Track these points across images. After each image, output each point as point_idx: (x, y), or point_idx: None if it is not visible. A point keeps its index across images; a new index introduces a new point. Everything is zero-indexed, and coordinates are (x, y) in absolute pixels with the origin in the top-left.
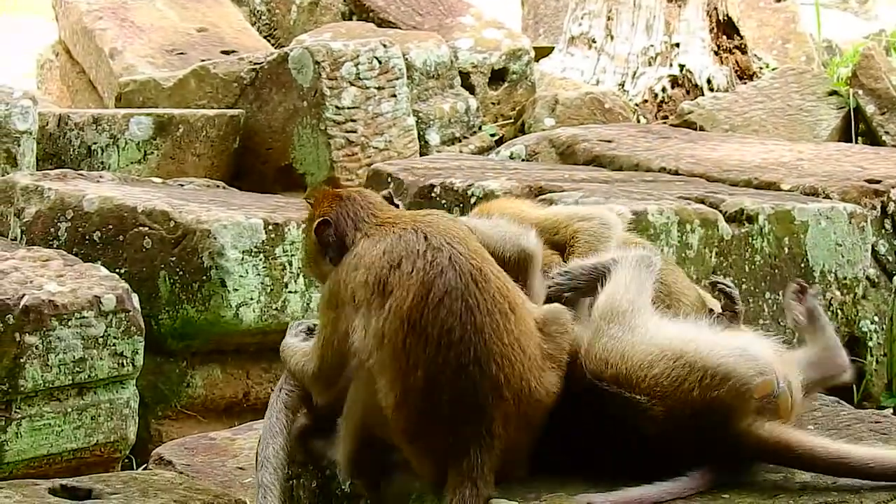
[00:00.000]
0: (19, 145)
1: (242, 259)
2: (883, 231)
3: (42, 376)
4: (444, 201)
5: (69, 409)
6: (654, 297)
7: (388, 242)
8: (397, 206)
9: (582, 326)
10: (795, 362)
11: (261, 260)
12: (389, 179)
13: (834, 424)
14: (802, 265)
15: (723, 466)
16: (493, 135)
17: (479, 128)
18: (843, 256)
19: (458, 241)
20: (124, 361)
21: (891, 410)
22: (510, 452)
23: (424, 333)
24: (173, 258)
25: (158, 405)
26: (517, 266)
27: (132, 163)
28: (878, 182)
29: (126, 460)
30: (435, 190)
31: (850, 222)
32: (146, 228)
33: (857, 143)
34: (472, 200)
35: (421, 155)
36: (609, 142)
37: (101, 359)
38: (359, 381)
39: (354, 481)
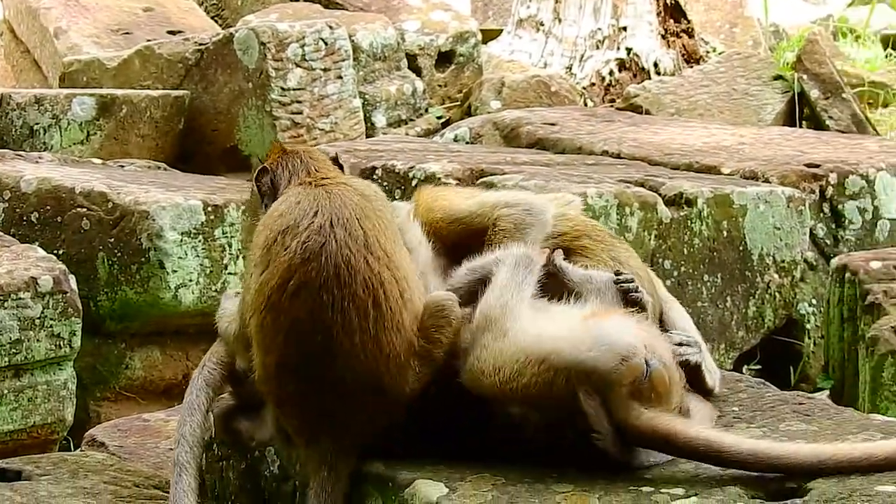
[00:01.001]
0: None
1: (181, 241)
2: (821, 215)
3: None
4: (385, 183)
5: (5, 391)
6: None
7: (288, 205)
8: (341, 168)
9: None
10: (664, 336)
11: (200, 241)
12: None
13: (758, 406)
14: (741, 248)
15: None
16: (439, 117)
17: (426, 110)
18: (781, 240)
19: (345, 223)
20: (61, 343)
21: (826, 393)
22: (366, 436)
23: (278, 320)
24: (112, 239)
25: (97, 387)
26: None
27: (74, 143)
28: (818, 166)
29: (64, 442)
30: (376, 172)
31: (788, 206)
32: (84, 210)
33: (801, 127)
34: (414, 183)
35: (367, 137)
36: (553, 125)
37: (37, 340)
38: None
39: (279, 439)
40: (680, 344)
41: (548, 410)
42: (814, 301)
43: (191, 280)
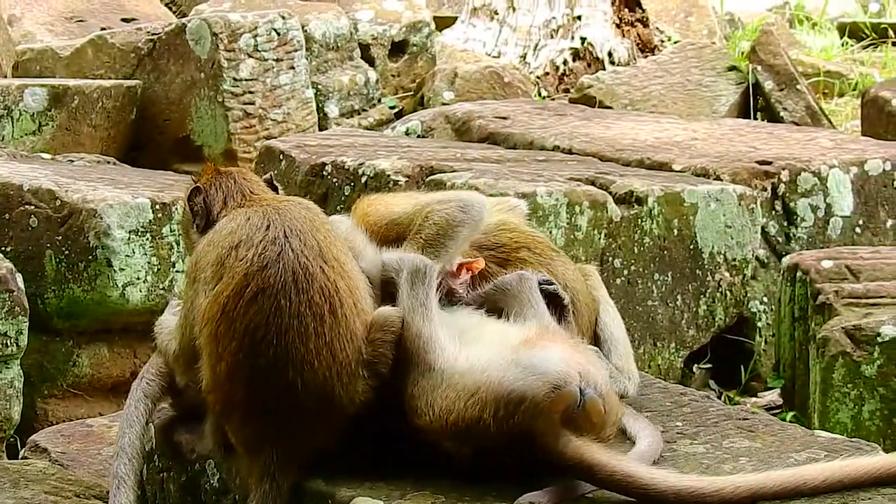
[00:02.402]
0: None
1: (129, 239)
2: (773, 212)
3: None
4: (335, 180)
5: None
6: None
7: (238, 223)
8: (276, 190)
9: None
10: (601, 363)
11: (148, 240)
12: (281, 157)
13: (702, 421)
14: (691, 247)
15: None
16: (392, 107)
17: (379, 100)
18: (732, 238)
19: (298, 233)
20: (8, 342)
21: (777, 392)
22: (311, 446)
23: (234, 326)
24: (59, 237)
25: (44, 384)
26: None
27: (27, 134)
28: (770, 163)
29: (11, 440)
30: (326, 168)
31: (739, 204)
32: (32, 207)
33: (755, 118)
34: (363, 179)
35: (319, 127)
36: (505, 118)
37: None
38: None
39: (218, 451)
40: None
41: (479, 443)
42: (765, 299)
43: (138, 278)
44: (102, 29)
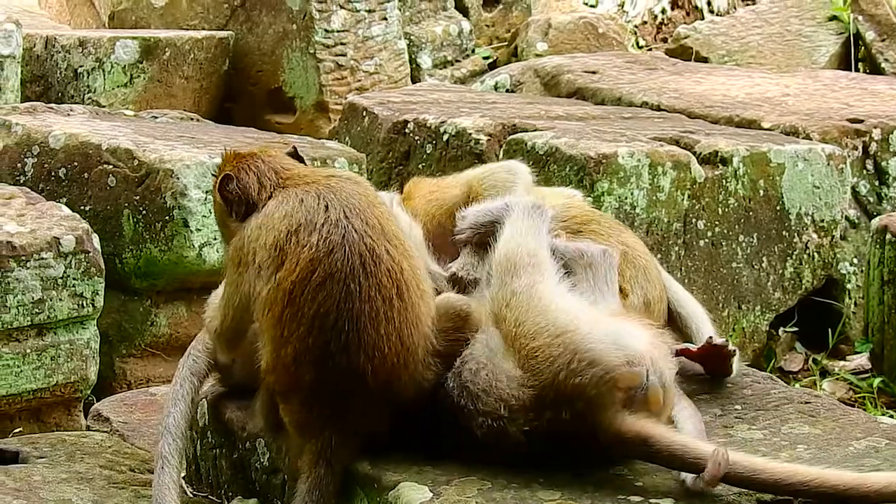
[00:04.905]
0: (2, 70)
1: (205, 199)
2: (864, 172)
3: (0, 317)
4: (417, 137)
5: (28, 350)
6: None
7: (291, 206)
8: (303, 162)
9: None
10: (671, 355)
11: None
12: (364, 113)
13: (762, 404)
14: (778, 208)
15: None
16: (486, 58)
17: (473, 51)
18: (820, 199)
19: (358, 213)
20: (84, 303)
21: (865, 356)
22: (370, 432)
23: (301, 312)
24: (137, 197)
25: (123, 344)
26: None
27: (118, 87)
28: (861, 122)
29: (89, 399)
30: (408, 126)
31: (828, 164)
32: (110, 166)
33: (856, 70)
34: (445, 137)
35: (412, 79)
36: (594, 73)
37: (60, 300)
38: None
39: (268, 431)
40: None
41: (542, 383)
42: (856, 260)
43: (215, 239)
44: None
